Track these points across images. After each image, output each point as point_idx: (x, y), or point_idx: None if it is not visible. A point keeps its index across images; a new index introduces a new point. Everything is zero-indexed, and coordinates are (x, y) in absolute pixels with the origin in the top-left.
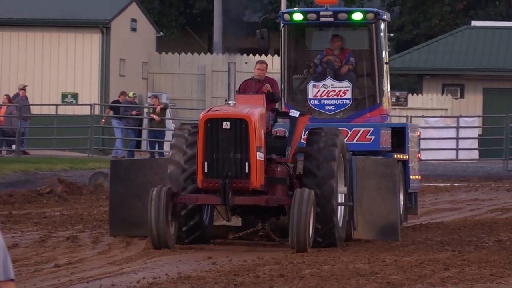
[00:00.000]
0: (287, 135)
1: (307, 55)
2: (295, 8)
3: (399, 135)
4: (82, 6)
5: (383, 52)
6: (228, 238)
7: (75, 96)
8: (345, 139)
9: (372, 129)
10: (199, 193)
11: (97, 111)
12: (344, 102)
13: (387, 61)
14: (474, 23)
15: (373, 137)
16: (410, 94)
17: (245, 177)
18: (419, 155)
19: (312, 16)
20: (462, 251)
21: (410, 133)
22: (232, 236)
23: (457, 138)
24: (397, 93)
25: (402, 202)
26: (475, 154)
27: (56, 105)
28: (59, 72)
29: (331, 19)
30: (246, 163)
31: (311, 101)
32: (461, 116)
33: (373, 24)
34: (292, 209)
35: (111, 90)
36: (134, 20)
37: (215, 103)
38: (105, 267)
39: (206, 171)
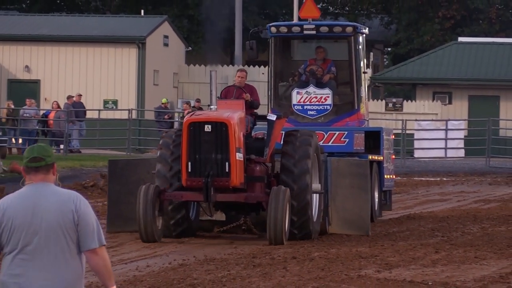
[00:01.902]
0: (265, 137)
1: (292, 65)
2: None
3: (375, 138)
4: (121, 25)
5: (361, 63)
6: (213, 232)
7: (115, 102)
8: (321, 142)
9: (346, 132)
10: (184, 190)
11: (134, 115)
12: (325, 108)
13: (365, 70)
14: (460, 39)
15: (347, 140)
16: (405, 101)
17: (225, 175)
18: (393, 156)
19: (296, 29)
20: (450, 236)
21: (385, 136)
22: (217, 230)
23: (445, 139)
24: (394, 100)
25: (377, 200)
26: (461, 153)
27: (99, 110)
28: (101, 82)
29: (314, 32)
30: (227, 163)
31: (295, 107)
32: (449, 120)
33: (352, 37)
34: (270, 206)
35: (146, 97)
36: (166, 37)
37: None
38: (141, 251)
39: (189, 170)
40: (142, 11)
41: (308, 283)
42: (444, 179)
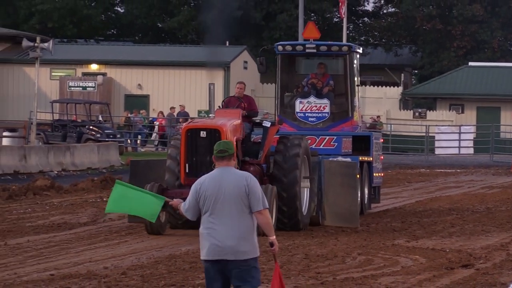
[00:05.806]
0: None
1: (296, 78)
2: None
3: (367, 141)
4: None
5: (355, 77)
6: None
7: (207, 112)
8: (314, 145)
9: (335, 137)
10: (184, 188)
11: None
12: (324, 115)
13: (358, 83)
14: (470, 63)
15: (336, 144)
16: (428, 111)
17: None
18: (382, 157)
19: (300, 47)
20: (462, 214)
21: (375, 140)
22: None
23: (459, 140)
24: (419, 110)
25: (367, 195)
26: (471, 150)
27: (193, 118)
28: (196, 96)
29: (314, 50)
30: None
31: (298, 114)
32: (462, 125)
33: (348, 55)
34: None
35: None
36: (245, 62)
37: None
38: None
39: (187, 171)
40: (227, 42)
41: (354, 250)
42: (458, 170)
